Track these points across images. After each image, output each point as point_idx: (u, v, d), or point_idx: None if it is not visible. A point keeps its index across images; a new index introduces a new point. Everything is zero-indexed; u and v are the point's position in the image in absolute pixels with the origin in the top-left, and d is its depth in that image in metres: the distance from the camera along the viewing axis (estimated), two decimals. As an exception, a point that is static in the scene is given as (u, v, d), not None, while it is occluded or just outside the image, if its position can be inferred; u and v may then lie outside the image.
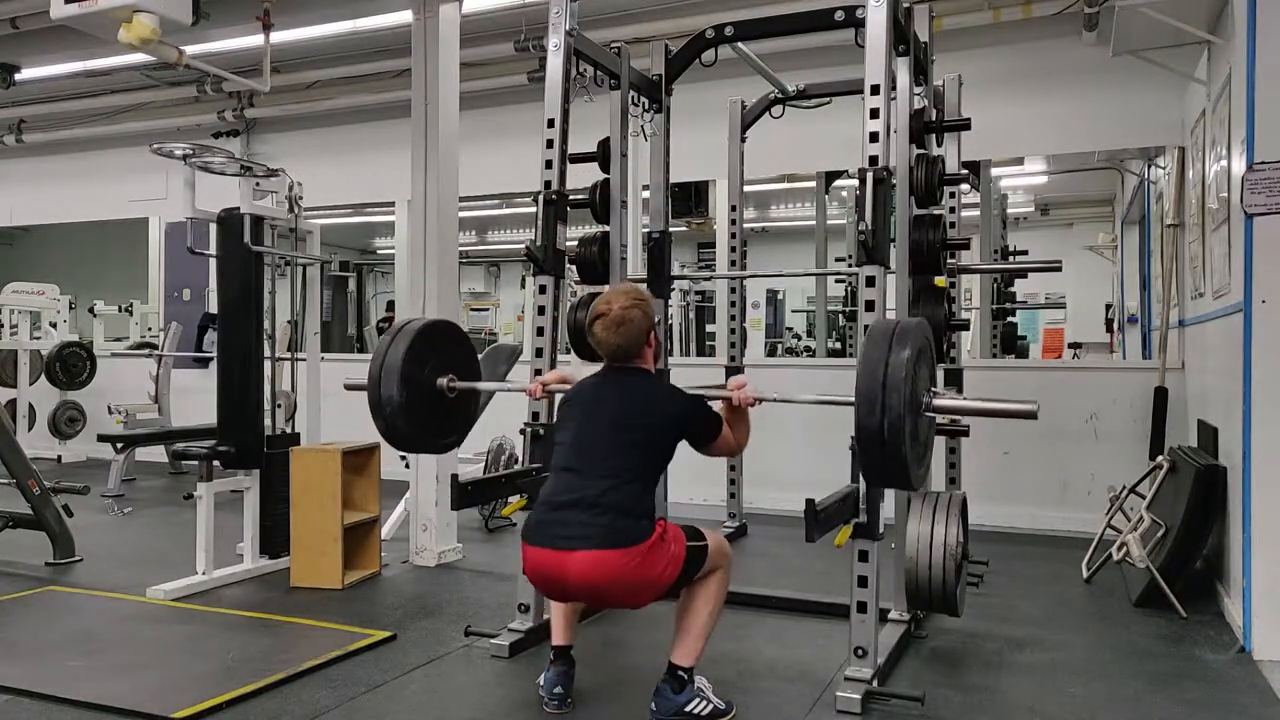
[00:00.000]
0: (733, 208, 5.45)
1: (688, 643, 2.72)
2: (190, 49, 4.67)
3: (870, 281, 3.01)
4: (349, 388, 3.47)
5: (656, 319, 2.91)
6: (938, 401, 2.60)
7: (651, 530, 2.60)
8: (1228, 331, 3.70)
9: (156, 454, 7.82)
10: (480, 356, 6.22)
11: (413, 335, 3.16)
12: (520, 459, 4.02)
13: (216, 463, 4.32)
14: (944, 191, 4.06)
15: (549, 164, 3.58)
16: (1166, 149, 6.02)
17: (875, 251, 2.97)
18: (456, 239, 4.88)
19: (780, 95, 5.11)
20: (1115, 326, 9.68)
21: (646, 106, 4.36)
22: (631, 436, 2.69)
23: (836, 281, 8.85)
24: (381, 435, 3.20)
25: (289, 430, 4.93)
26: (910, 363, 2.39)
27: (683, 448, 2.82)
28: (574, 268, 4.10)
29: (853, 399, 2.44)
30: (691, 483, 5.62)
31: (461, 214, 5.00)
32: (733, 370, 5.34)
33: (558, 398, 3.15)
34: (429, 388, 3.21)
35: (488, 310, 15.01)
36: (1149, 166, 7.04)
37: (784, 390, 3.12)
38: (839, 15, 3.80)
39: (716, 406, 2.92)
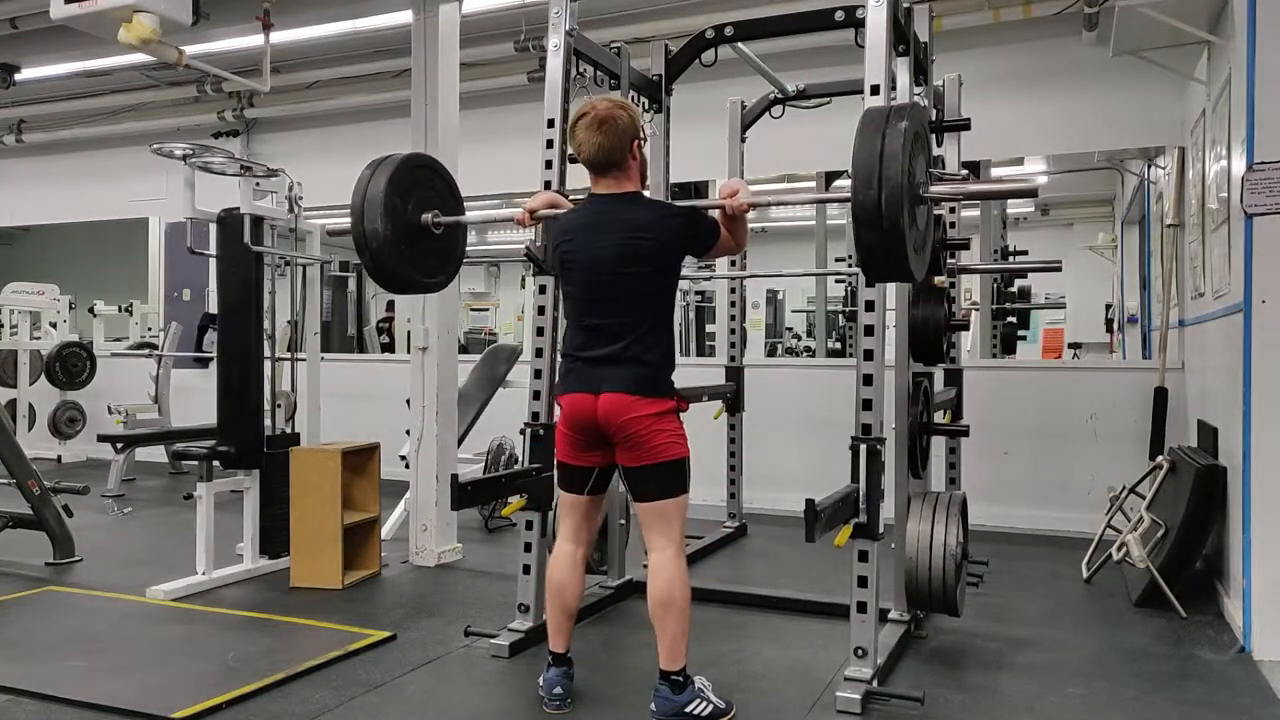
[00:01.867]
0: (733, 208, 5.44)
1: (666, 646, 2.70)
2: (190, 49, 4.67)
3: (870, 282, 3.01)
4: (333, 233, 3.37)
5: (643, 134, 2.87)
6: (935, 187, 2.51)
7: (672, 396, 2.77)
8: (1228, 331, 3.71)
9: (156, 454, 7.82)
10: (480, 357, 6.26)
11: (393, 168, 3.06)
12: (520, 459, 4.02)
13: (216, 463, 4.32)
14: (944, 191, 4.05)
15: (549, 164, 3.59)
16: (1166, 149, 6.02)
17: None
18: (456, 239, 4.87)
19: (780, 95, 5.10)
20: (1115, 326, 9.68)
21: (646, 106, 4.36)
22: (640, 282, 2.75)
23: (836, 281, 8.84)
24: (368, 272, 3.11)
25: (289, 430, 4.93)
26: (907, 140, 2.30)
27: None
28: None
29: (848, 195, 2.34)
30: (692, 483, 5.61)
31: (461, 214, 4.99)
32: (733, 371, 5.35)
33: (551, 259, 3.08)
34: (414, 223, 3.13)
35: (488, 310, 15.02)
36: (1149, 166, 7.04)
37: (782, 387, 3.11)
38: (839, 15, 3.80)
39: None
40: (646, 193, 2.96)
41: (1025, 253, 8.26)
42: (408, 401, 4.77)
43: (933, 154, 2.55)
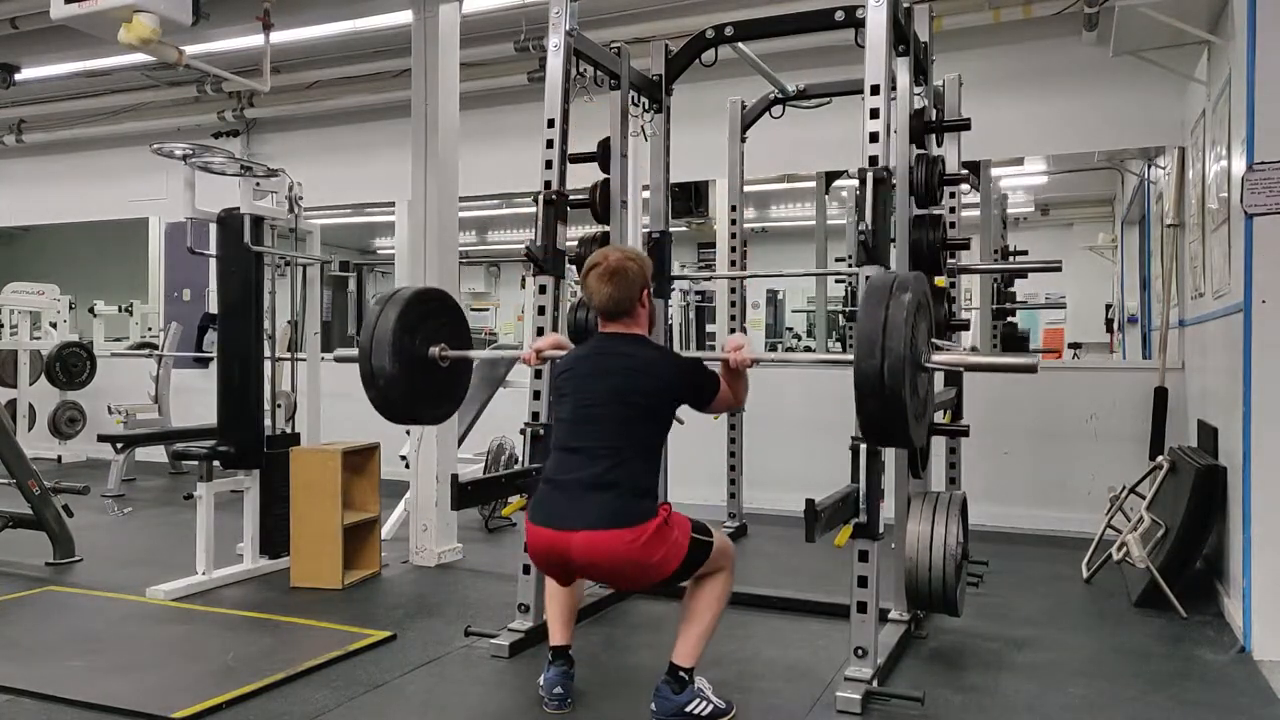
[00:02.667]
0: (733, 208, 5.45)
1: (690, 644, 2.72)
2: (190, 49, 4.66)
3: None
4: (340, 360, 3.45)
5: (652, 285, 2.89)
6: (937, 356, 2.54)
7: (654, 513, 2.60)
8: (1228, 331, 3.71)
9: (156, 454, 7.81)
10: (480, 358, 6.25)
11: (403, 304, 3.11)
12: (520, 459, 4.02)
13: (216, 463, 4.32)
14: (944, 191, 4.05)
15: (549, 164, 3.58)
16: (1166, 149, 6.02)
17: (875, 251, 2.97)
18: (456, 239, 4.88)
19: (780, 95, 5.10)
20: (1115, 326, 9.68)
21: (646, 106, 4.36)
22: (630, 410, 2.68)
23: (836, 281, 8.84)
24: (374, 407, 3.15)
25: (289, 430, 4.93)
26: (910, 312, 2.35)
27: (680, 446, 2.82)
28: (574, 268, 4.11)
29: (852, 361, 2.38)
30: (692, 483, 5.61)
31: (461, 214, 5.00)
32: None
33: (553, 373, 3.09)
34: (421, 357, 3.17)
35: (488, 310, 15.00)
36: (1149, 166, 7.04)
37: (783, 387, 3.11)
38: (839, 15, 3.80)
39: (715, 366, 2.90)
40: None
41: (1025, 253, 8.26)
42: (408, 401, 4.76)
43: (933, 323, 2.60)
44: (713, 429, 5.32)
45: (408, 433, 4.77)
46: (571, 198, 3.68)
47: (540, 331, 3.58)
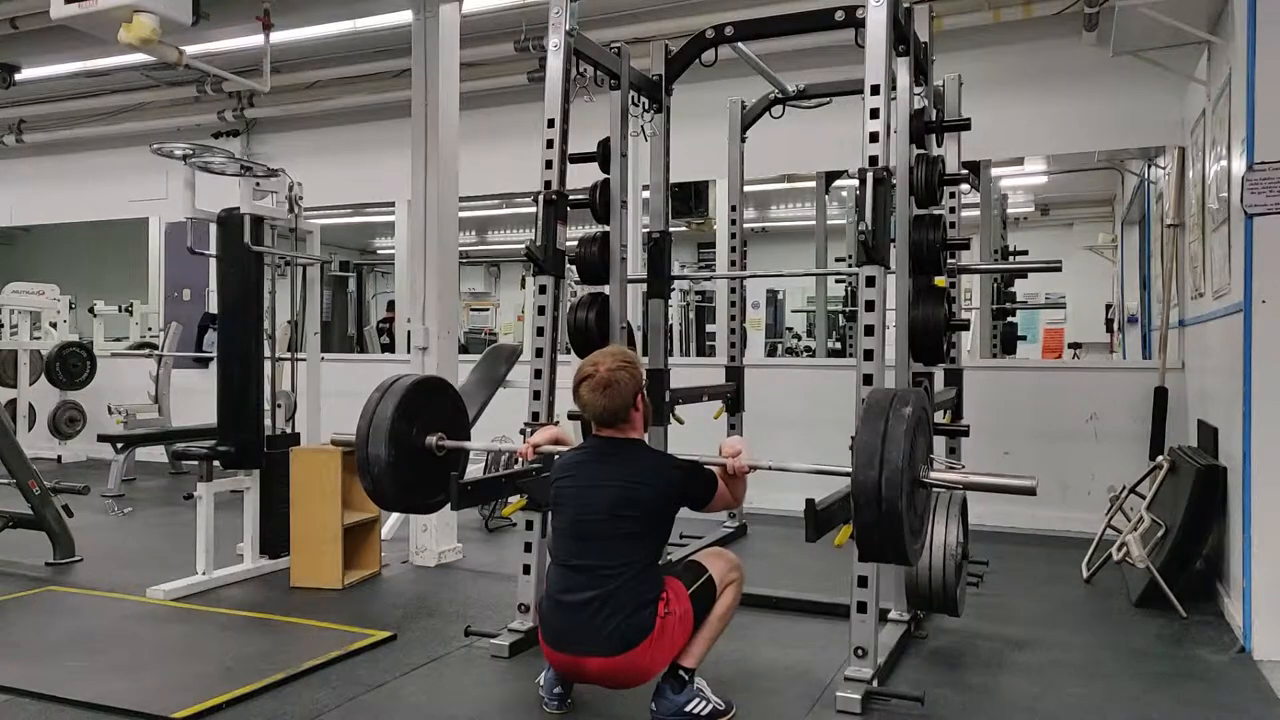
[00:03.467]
0: (733, 208, 5.45)
1: (694, 645, 2.73)
2: (190, 49, 4.67)
3: (870, 281, 3.01)
4: (336, 443, 3.42)
5: (644, 388, 2.88)
6: (935, 474, 2.54)
7: (656, 613, 2.63)
8: (1228, 331, 3.71)
9: (156, 454, 7.82)
10: (480, 356, 6.26)
11: (402, 393, 3.11)
12: (520, 459, 4.02)
13: (216, 463, 4.32)
14: (944, 191, 4.05)
15: (549, 164, 3.58)
16: (1166, 149, 6.02)
17: (875, 251, 2.97)
18: (456, 239, 4.88)
19: (780, 95, 5.10)
20: (1115, 326, 9.69)
21: (646, 106, 4.36)
22: (629, 525, 2.69)
23: (836, 281, 8.85)
24: (367, 494, 3.15)
25: (289, 430, 4.93)
26: (910, 425, 2.35)
27: (680, 446, 2.82)
28: (574, 268, 4.10)
29: (849, 470, 2.39)
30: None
31: (461, 214, 5.00)
32: (733, 371, 5.34)
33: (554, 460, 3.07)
34: (417, 447, 3.15)
35: (488, 310, 15.01)
36: (1149, 166, 7.04)
37: (783, 393, 3.11)
38: (839, 15, 3.80)
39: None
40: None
41: (1025, 253, 8.27)
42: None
43: (931, 441, 2.60)
44: (713, 429, 5.32)
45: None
46: (571, 198, 3.68)
47: (540, 331, 3.59)
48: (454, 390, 3.43)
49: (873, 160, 3.00)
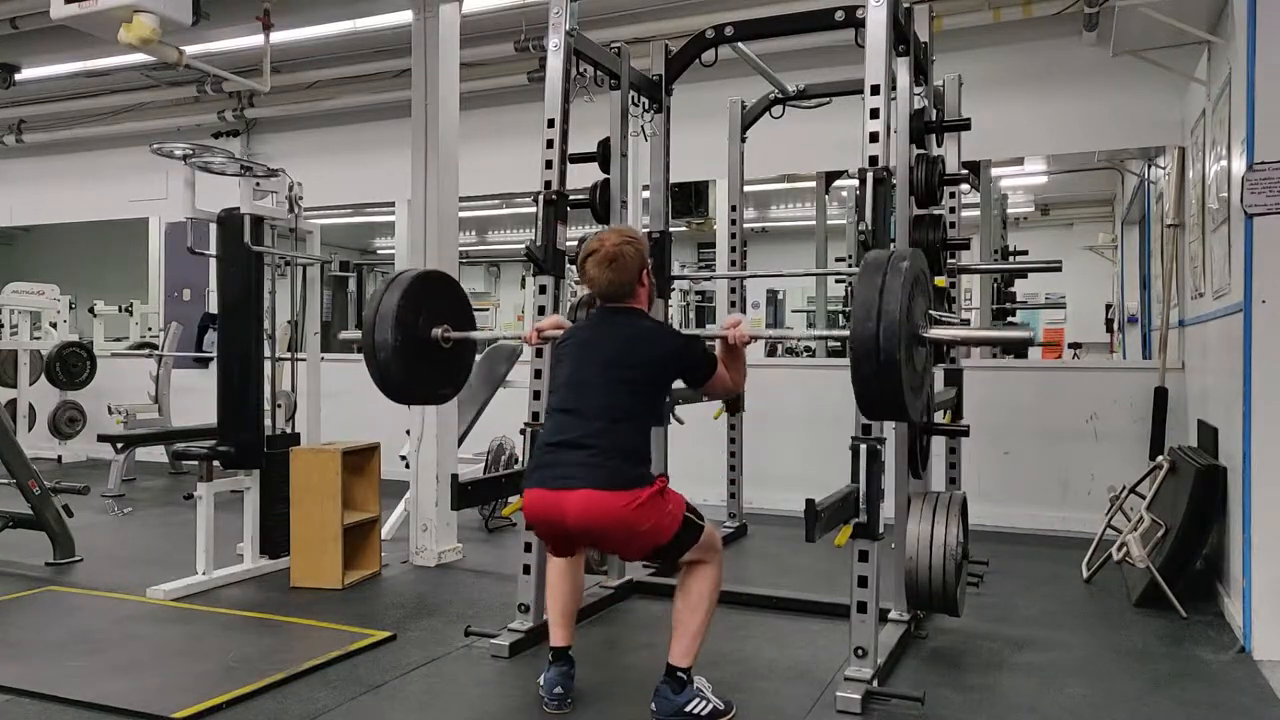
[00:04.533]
0: (733, 208, 5.45)
1: (684, 643, 2.72)
2: (190, 49, 4.67)
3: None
4: (344, 340, 3.47)
5: (649, 263, 2.89)
6: (933, 330, 2.53)
7: (650, 481, 2.62)
8: (1228, 331, 3.71)
9: (156, 454, 7.82)
10: (480, 357, 6.26)
11: (406, 284, 3.13)
12: (520, 459, 4.02)
13: (216, 463, 4.31)
14: (944, 191, 4.06)
15: (549, 164, 3.58)
16: (1166, 149, 6.02)
17: (875, 251, 2.97)
18: (456, 239, 4.88)
19: (780, 95, 5.10)
20: (1115, 326, 9.68)
21: (646, 106, 4.36)
22: (626, 375, 2.70)
23: (836, 281, 8.83)
24: (376, 384, 3.16)
25: (289, 430, 4.93)
26: (907, 284, 2.34)
27: (680, 446, 2.82)
28: (574, 268, 4.10)
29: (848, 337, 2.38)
30: (692, 483, 5.62)
31: (461, 214, 5.00)
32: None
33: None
34: (423, 337, 3.18)
35: (488, 310, 15.00)
36: (1149, 166, 7.04)
37: (783, 393, 3.11)
38: (839, 15, 3.79)
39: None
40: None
41: (1025, 253, 8.26)
42: (408, 401, 4.76)
43: (930, 300, 2.60)
44: (713, 429, 5.33)
45: (408, 432, 4.77)
46: (571, 198, 3.68)
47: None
48: (458, 285, 3.44)
49: (873, 160, 3.00)
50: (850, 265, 6.95)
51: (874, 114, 3.03)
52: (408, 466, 4.81)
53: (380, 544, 4.54)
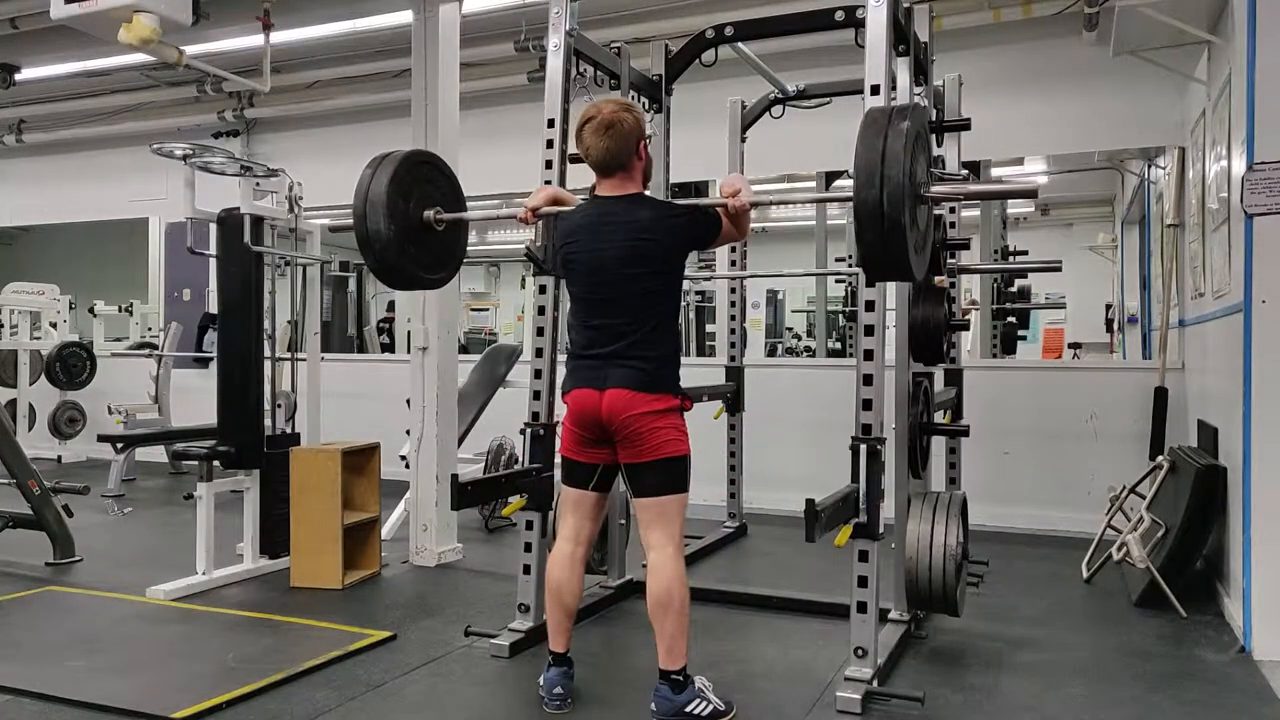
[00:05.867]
0: (733, 208, 5.44)
1: (665, 645, 2.70)
2: (190, 49, 4.67)
3: (870, 281, 3.01)
4: (334, 229, 3.44)
5: (649, 134, 2.89)
6: (936, 187, 2.52)
7: (676, 394, 2.78)
8: (1228, 331, 3.70)
9: (156, 454, 7.82)
10: (480, 357, 6.26)
11: (394, 165, 3.07)
12: (520, 459, 4.02)
13: (216, 463, 4.31)
14: (944, 191, 4.05)
15: (549, 164, 3.59)
16: (1166, 149, 6.02)
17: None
18: (456, 239, 4.87)
19: (780, 95, 5.10)
20: (1115, 326, 9.69)
21: (646, 106, 4.36)
22: (643, 282, 2.76)
23: (836, 281, 8.84)
24: (371, 270, 3.13)
25: (289, 430, 4.93)
26: (909, 140, 2.32)
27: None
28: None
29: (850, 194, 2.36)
30: (692, 482, 5.63)
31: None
32: (733, 371, 5.35)
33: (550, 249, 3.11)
34: (416, 220, 3.13)
35: (488, 310, 15.02)
36: (1149, 166, 7.04)
37: (783, 393, 3.11)
38: (839, 15, 3.80)
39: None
40: (649, 192, 2.96)
41: (1025, 253, 8.27)
42: (408, 401, 4.77)
43: (933, 155, 2.57)
44: (713, 429, 5.32)
45: (408, 432, 4.77)
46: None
47: (540, 331, 3.59)
48: (444, 164, 3.37)
49: (873, 160, 2.99)
50: (850, 265, 6.96)
51: (874, 114, 3.02)
52: (408, 466, 4.81)
53: (380, 544, 4.54)
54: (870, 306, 3.03)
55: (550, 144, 3.60)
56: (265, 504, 4.45)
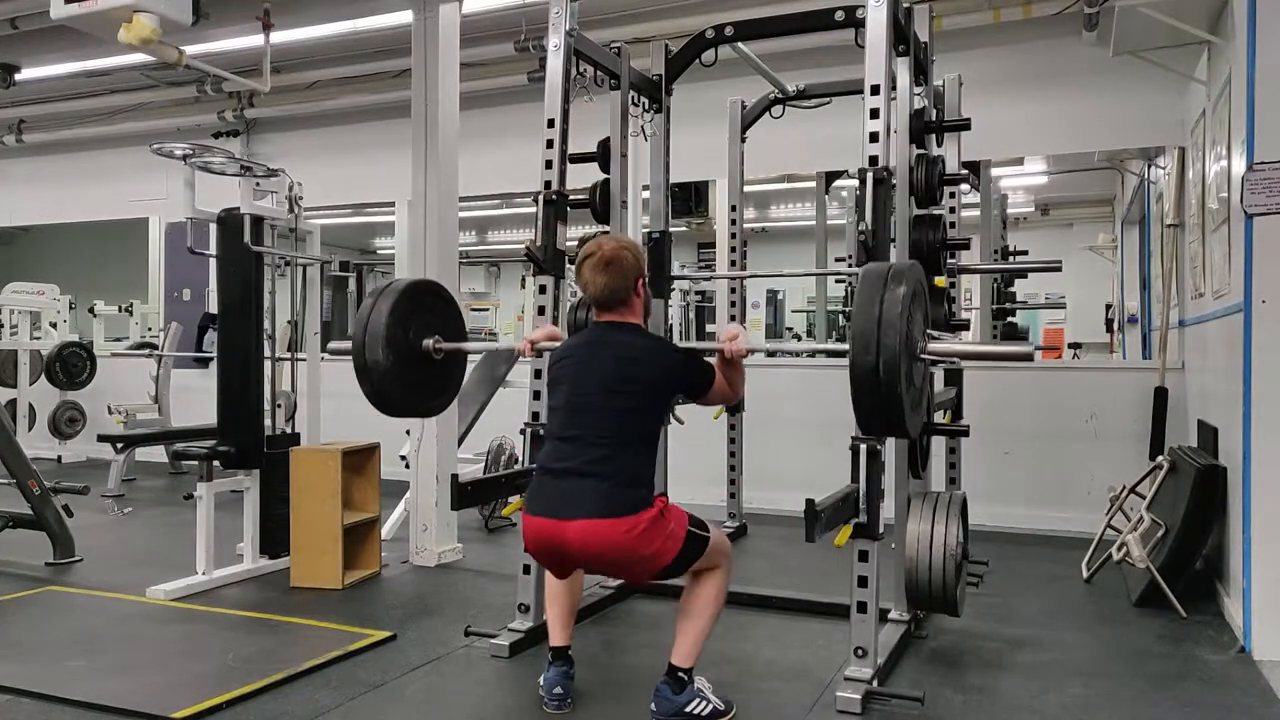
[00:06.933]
0: (733, 208, 5.45)
1: (687, 645, 2.72)
2: (190, 49, 4.66)
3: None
4: (333, 352, 3.46)
5: (647, 273, 2.89)
6: (933, 346, 2.53)
7: (650, 504, 2.60)
8: (1228, 331, 3.70)
9: (156, 454, 7.82)
10: (480, 357, 6.25)
11: (395, 296, 3.10)
12: (520, 459, 4.02)
13: (216, 463, 4.32)
14: (944, 191, 4.05)
15: (549, 164, 3.59)
16: (1166, 149, 6.02)
17: (875, 251, 2.97)
18: (456, 239, 4.88)
19: (780, 95, 5.10)
20: (1115, 326, 9.68)
21: (646, 106, 4.36)
22: (625, 401, 2.67)
23: (836, 281, 8.83)
24: (369, 400, 3.15)
25: (289, 430, 4.93)
26: (905, 302, 2.33)
27: (680, 446, 2.82)
28: (574, 267, 4.10)
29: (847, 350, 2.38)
30: (692, 483, 5.62)
31: (461, 214, 5.00)
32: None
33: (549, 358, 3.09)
34: (414, 350, 3.16)
35: (488, 310, 15.00)
36: (1149, 166, 7.04)
37: (783, 393, 3.11)
38: (839, 15, 3.80)
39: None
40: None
41: (1025, 253, 8.26)
42: (408, 401, 4.76)
43: (929, 313, 2.60)
44: (713, 429, 5.33)
45: (408, 433, 4.77)
46: (571, 198, 3.68)
47: (540, 330, 3.58)
48: (447, 294, 3.40)
49: (873, 160, 3.00)
50: (850, 265, 6.96)
51: (874, 114, 3.03)
52: (408, 466, 4.81)
53: (380, 544, 4.54)
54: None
55: (550, 144, 3.59)
56: (265, 504, 4.45)
